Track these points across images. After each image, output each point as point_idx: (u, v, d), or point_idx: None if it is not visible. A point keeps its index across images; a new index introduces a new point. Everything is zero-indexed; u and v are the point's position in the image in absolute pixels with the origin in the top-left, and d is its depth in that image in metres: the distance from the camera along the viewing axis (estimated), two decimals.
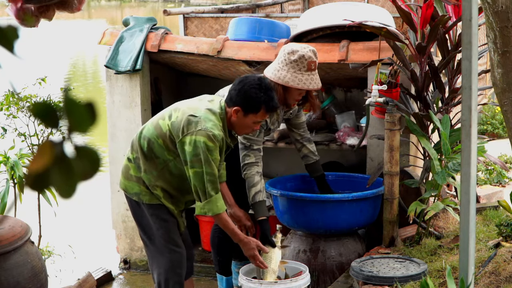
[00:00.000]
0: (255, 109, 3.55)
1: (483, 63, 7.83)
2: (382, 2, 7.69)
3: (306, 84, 3.94)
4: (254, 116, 3.58)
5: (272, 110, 3.63)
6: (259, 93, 3.53)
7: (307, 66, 3.93)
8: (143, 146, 3.64)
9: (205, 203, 3.55)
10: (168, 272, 3.73)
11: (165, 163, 3.62)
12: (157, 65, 5.36)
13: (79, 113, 1.01)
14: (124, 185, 3.77)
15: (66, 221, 6.31)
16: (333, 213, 4.18)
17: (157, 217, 3.71)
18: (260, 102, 3.54)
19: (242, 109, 3.55)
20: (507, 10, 3.03)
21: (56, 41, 20.80)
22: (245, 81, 3.58)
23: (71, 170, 1.01)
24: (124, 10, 34.39)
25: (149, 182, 3.66)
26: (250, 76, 3.66)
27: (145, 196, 3.69)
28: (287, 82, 3.93)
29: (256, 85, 3.54)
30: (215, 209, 3.56)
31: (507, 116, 3.21)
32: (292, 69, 3.94)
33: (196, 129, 3.48)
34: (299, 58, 3.92)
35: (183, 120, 3.54)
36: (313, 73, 3.96)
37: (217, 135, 3.50)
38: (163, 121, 3.63)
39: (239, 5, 7.22)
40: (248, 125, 3.62)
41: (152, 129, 3.64)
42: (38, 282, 3.95)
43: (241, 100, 3.55)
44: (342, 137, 4.91)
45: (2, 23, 1.09)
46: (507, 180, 6.10)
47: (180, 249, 3.76)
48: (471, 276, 2.46)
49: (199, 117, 3.52)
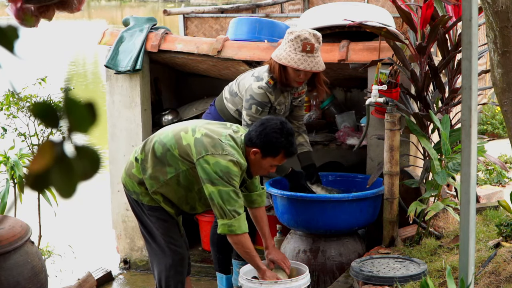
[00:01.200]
0: (274, 153, 3.58)
1: (483, 63, 7.83)
2: (382, 2, 7.69)
3: (297, 63, 3.98)
4: (272, 159, 3.60)
5: (291, 156, 3.65)
6: (280, 138, 3.55)
7: (302, 47, 3.98)
8: (156, 150, 3.62)
9: (234, 221, 3.51)
10: (169, 270, 3.73)
11: (177, 172, 3.60)
12: (157, 65, 5.36)
13: (79, 113, 1.01)
14: (124, 180, 3.78)
15: (66, 221, 6.31)
16: (333, 213, 4.18)
17: (156, 218, 3.71)
18: (280, 147, 3.56)
19: (261, 152, 3.57)
20: (507, 10, 3.03)
21: (56, 41, 20.79)
22: (267, 124, 3.58)
23: (71, 170, 1.01)
24: (124, 10, 34.39)
25: (150, 187, 3.65)
26: (272, 118, 3.67)
27: (145, 197, 3.69)
28: (280, 59, 4.01)
29: (278, 130, 3.56)
30: (244, 227, 3.55)
31: (507, 116, 3.21)
32: (289, 48, 4.02)
33: (222, 153, 3.49)
34: (295, 37, 4.00)
35: (209, 140, 3.54)
36: (308, 55, 3.99)
37: (242, 163, 3.53)
38: (185, 134, 3.61)
39: (239, 5, 7.22)
40: (264, 167, 3.65)
41: (171, 137, 3.63)
42: (38, 282, 3.95)
43: (261, 143, 3.56)
44: (342, 137, 4.91)
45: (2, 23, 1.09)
46: (507, 180, 6.10)
47: (181, 249, 3.76)
48: (471, 276, 2.46)
49: (225, 143, 3.54)
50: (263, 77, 4.10)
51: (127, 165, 3.79)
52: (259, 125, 3.61)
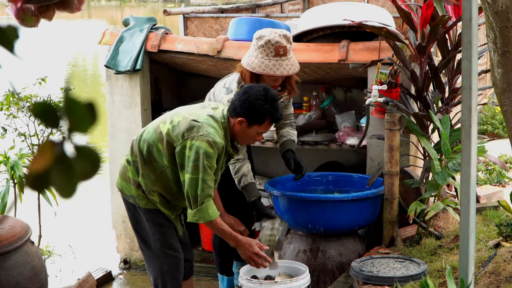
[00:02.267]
0: (260, 120, 3.52)
1: (483, 63, 7.83)
2: (382, 2, 7.69)
3: (273, 70, 3.84)
4: (258, 127, 3.54)
5: (276, 121, 3.59)
6: (265, 105, 3.48)
7: (275, 51, 3.83)
8: (142, 149, 3.59)
9: (196, 211, 3.49)
10: (165, 276, 3.70)
11: (163, 168, 3.56)
12: (157, 65, 5.36)
13: (79, 113, 1.01)
14: (120, 185, 3.74)
15: (66, 221, 6.31)
16: (333, 213, 4.18)
17: (153, 222, 3.67)
18: (265, 113, 3.49)
19: (247, 120, 3.50)
20: (507, 10, 3.03)
21: (56, 41, 20.79)
22: (250, 92, 3.51)
23: (71, 170, 1.01)
24: (124, 10, 34.39)
25: (145, 187, 3.62)
26: (254, 86, 3.59)
27: (142, 200, 3.65)
28: (254, 68, 3.85)
29: (262, 96, 3.49)
30: (207, 217, 3.51)
31: (507, 116, 3.21)
32: (260, 55, 3.85)
33: (197, 134, 3.43)
34: (265, 43, 3.84)
35: (184, 124, 3.48)
36: (282, 59, 3.85)
37: (218, 142, 3.45)
38: (163, 124, 3.57)
39: (239, 5, 7.22)
40: (251, 136, 3.59)
41: (152, 132, 3.59)
42: (38, 282, 3.95)
43: (246, 111, 3.49)
44: (342, 137, 4.91)
45: (2, 23, 1.09)
46: (507, 180, 6.10)
47: (177, 253, 3.72)
48: (471, 276, 2.46)
49: (201, 122, 3.47)
50: (232, 89, 3.94)
51: (121, 170, 3.74)
52: (242, 93, 3.53)
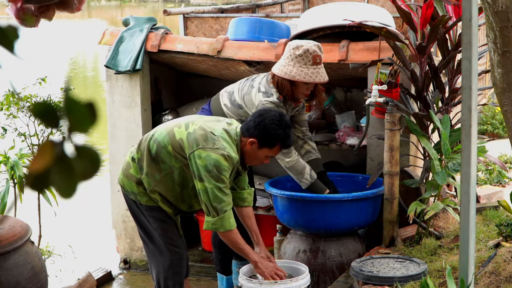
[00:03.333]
0: (271, 144, 3.58)
1: (483, 63, 7.83)
2: (382, 2, 7.69)
3: (312, 78, 4.03)
4: (268, 150, 3.61)
5: (287, 147, 3.68)
6: (278, 130, 3.55)
7: (312, 60, 4.02)
8: (151, 149, 3.62)
9: (217, 219, 3.52)
10: (167, 271, 3.72)
11: (171, 169, 3.60)
12: (157, 65, 5.36)
13: (79, 113, 1.01)
14: (122, 181, 3.77)
15: (66, 221, 6.31)
16: (333, 213, 4.18)
17: (154, 219, 3.70)
18: (277, 138, 3.56)
19: (258, 142, 3.57)
20: (507, 10, 3.03)
21: (56, 41, 20.79)
22: (266, 115, 3.59)
23: (71, 170, 1.01)
24: (124, 10, 34.39)
25: (148, 186, 3.64)
26: (270, 110, 3.69)
27: (143, 197, 3.69)
28: (294, 76, 4.02)
29: (277, 121, 3.56)
30: (227, 226, 3.54)
31: (507, 116, 3.21)
32: (298, 64, 4.03)
33: (213, 146, 3.48)
34: (304, 52, 4.01)
35: (200, 134, 3.53)
36: (318, 67, 4.05)
37: (233, 157, 3.52)
38: (178, 129, 3.61)
39: (239, 5, 7.21)
40: (259, 158, 3.65)
41: (165, 134, 3.62)
42: (38, 282, 3.95)
43: (259, 133, 3.56)
44: (342, 137, 4.91)
45: (2, 23, 1.09)
46: (507, 180, 6.10)
47: (179, 249, 3.75)
48: (471, 276, 2.46)
49: (217, 136, 3.53)
50: (272, 93, 4.08)
51: (124, 166, 3.78)
52: (257, 116, 3.61)
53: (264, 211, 5.23)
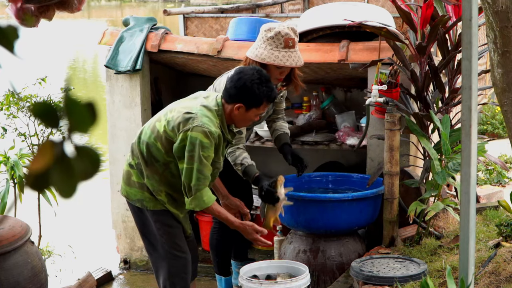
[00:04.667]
0: (258, 103, 3.55)
1: (483, 63, 7.83)
2: (382, 2, 7.69)
3: (283, 61, 3.92)
4: (256, 109, 3.58)
5: (272, 101, 3.63)
6: (261, 87, 3.52)
7: (284, 43, 3.92)
8: (142, 151, 3.60)
9: (192, 199, 3.52)
10: (173, 277, 3.69)
11: (166, 165, 3.58)
12: (157, 65, 5.36)
13: (79, 113, 1.01)
14: (125, 191, 3.72)
15: (66, 221, 6.31)
16: (333, 213, 4.18)
17: (161, 223, 3.67)
18: (262, 96, 3.53)
19: (245, 105, 3.54)
20: (507, 10, 3.03)
21: (56, 41, 20.80)
22: (244, 77, 3.53)
23: (72, 170, 1.01)
24: (124, 10, 34.39)
25: (152, 188, 3.62)
26: (246, 69, 3.62)
27: (149, 202, 3.65)
28: (264, 59, 3.93)
29: (257, 80, 3.52)
30: (202, 204, 3.54)
31: (507, 116, 3.21)
32: (269, 46, 3.94)
33: (192, 125, 3.44)
34: (275, 34, 3.93)
35: (178, 118, 3.50)
36: (291, 50, 3.94)
37: (213, 132, 3.47)
38: (159, 123, 3.59)
39: (239, 5, 7.22)
40: (250, 118, 3.63)
41: (150, 133, 3.60)
42: (38, 282, 3.95)
43: (243, 96, 3.52)
44: (342, 137, 4.91)
45: (2, 23, 1.09)
46: (507, 180, 6.10)
47: (185, 255, 3.72)
48: (471, 276, 2.46)
49: (195, 113, 3.49)
50: None
51: (124, 176, 3.74)
52: (236, 79, 3.56)
53: None
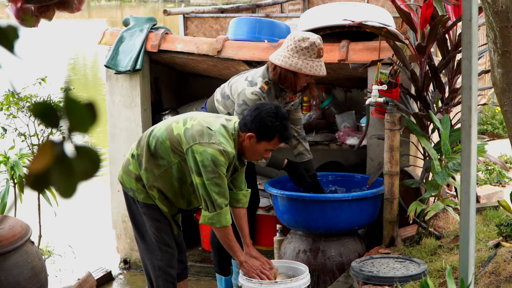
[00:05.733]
0: (269, 137, 3.59)
1: (483, 63, 7.83)
2: (382, 2, 7.69)
3: (317, 71, 4.01)
4: (267, 144, 3.61)
5: (285, 140, 3.68)
6: (275, 122, 3.56)
7: (317, 53, 4.00)
8: (150, 144, 3.65)
9: (214, 215, 3.54)
10: (158, 270, 3.77)
11: (169, 164, 3.63)
12: (157, 65, 5.36)
13: (79, 113, 1.01)
14: (122, 177, 3.81)
15: (66, 221, 6.31)
16: (333, 213, 4.18)
17: (149, 216, 3.73)
18: (275, 131, 3.57)
19: (256, 136, 3.58)
20: (507, 10, 3.03)
21: (56, 41, 20.79)
22: (262, 109, 3.60)
23: (72, 170, 1.01)
24: (124, 10, 34.39)
25: (147, 182, 3.67)
26: (266, 103, 3.70)
27: (140, 194, 3.72)
28: (300, 68, 3.97)
29: (273, 114, 3.57)
30: (224, 222, 3.56)
31: (507, 116, 3.21)
32: (303, 56, 3.98)
33: (209, 141, 3.50)
34: (310, 45, 3.98)
35: (198, 129, 3.55)
36: (321, 60, 4.04)
37: (229, 152, 3.52)
38: (176, 124, 3.64)
39: (239, 5, 7.22)
40: (259, 152, 3.65)
41: (164, 130, 3.65)
42: (38, 282, 3.95)
43: (256, 127, 3.57)
44: (342, 137, 4.91)
45: (2, 23, 1.09)
46: (507, 180, 6.10)
47: (171, 249, 3.77)
48: (471, 276, 2.46)
49: (214, 131, 3.54)
50: (257, 82, 4.05)
51: (124, 163, 3.82)
52: (253, 110, 3.62)
53: (264, 211, 5.23)
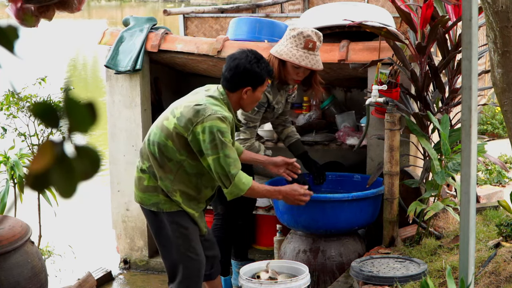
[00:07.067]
0: (262, 81, 3.65)
1: (483, 63, 7.83)
2: (382, 2, 7.70)
3: (299, 60, 4.00)
4: (261, 87, 3.68)
5: (271, 75, 3.74)
6: (260, 65, 3.62)
7: (304, 43, 4.00)
8: (154, 153, 3.58)
9: (232, 187, 3.53)
10: (187, 280, 3.69)
11: (180, 164, 3.56)
12: (157, 65, 5.36)
13: (79, 113, 1.01)
14: (139, 198, 3.69)
15: (66, 221, 6.31)
16: (333, 213, 4.18)
17: (177, 225, 3.64)
18: (264, 73, 3.63)
19: (252, 87, 3.63)
20: (507, 10, 3.03)
21: (56, 41, 20.79)
22: (240, 61, 3.60)
23: (72, 170, 1.01)
24: (124, 10, 34.40)
25: (167, 189, 3.59)
26: (238, 54, 3.66)
27: (165, 204, 3.62)
28: (281, 54, 4.04)
29: (254, 60, 3.60)
30: (243, 187, 3.55)
31: (507, 116, 3.21)
32: (290, 44, 4.04)
33: (205, 116, 3.47)
34: (297, 34, 4.03)
35: (189, 112, 3.51)
36: (310, 52, 4.02)
37: (228, 117, 3.52)
38: (167, 121, 3.58)
39: (239, 5, 7.22)
40: (257, 98, 3.71)
41: (159, 133, 3.59)
42: (38, 282, 3.95)
43: (248, 80, 3.60)
44: (342, 137, 4.91)
45: (2, 23, 1.09)
46: (507, 180, 6.10)
47: (200, 257, 3.71)
48: (471, 276, 2.46)
49: (204, 104, 3.52)
50: None
51: (136, 183, 3.71)
52: (234, 66, 3.60)
53: (264, 211, 5.23)
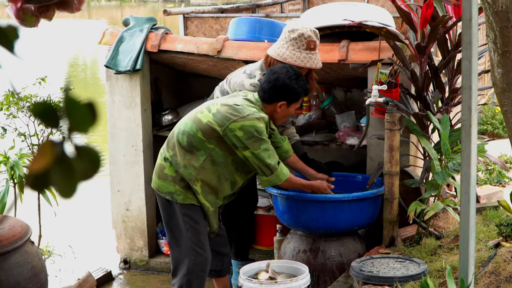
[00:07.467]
0: (297, 98, 3.82)
1: (483, 63, 7.83)
2: (382, 2, 7.69)
3: (304, 62, 4.05)
4: (296, 104, 3.85)
5: (307, 94, 3.94)
6: (299, 83, 3.78)
7: (306, 45, 4.05)
8: (182, 142, 3.72)
9: (272, 177, 3.74)
10: (191, 275, 3.76)
11: (208, 152, 3.71)
12: (157, 65, 5.36)
13: (79, 113, 1.01)
14: (157, 184, 3.82)
15: (66, 221, 6.31)
16: (333, 213, 4.18)
17: (189, 218, 3.75)
18: (301, 91, 3.79)
19: (287, 102, 3.79)
20: (507, 10, 3.03)
21: (56, 41, 20.79)
22: (280, 76, 3.77)
23: (72, 170, 1.01)
24: (124, 10, 34.38)
25: (189, 177, 3.71)
26: (279, 68, 3.84)
27: (179, 195, 3.74)
28: (285, 58, 4.06)
29: (293, 76, 3.77)
30: (282, 177, 3.79)
31: (507, 116, 3.21)
32: (292, 47, 4.06)
33: (243, 115, 3.65)
34: (298, 36, 4.05)
35: (227, 109, 3.68)
36: (312, 53, 4.07)
37: (264, 117, 3.71)
38: (201, 114, 3.74)
39: (239, 5, 7.22)
40: (289, 114, 3.91)
41: (191, 123, 3.74)
42: (38, 282, 3.95)
43: (285, 94, 3.77)
44: (342, 137, 4.91)
45: (2, 23, 1.09)
46: (507, 180, 6.09)
47: (206, 253, 3.79)
48: (471, 276, 2.46)
49: (242, 105, 3.71)
50: (255, 75, 4.12)
51: (157, 169, 3.85)
52: (274, 79, 3.77)
53: (264, 211, 5.23)
